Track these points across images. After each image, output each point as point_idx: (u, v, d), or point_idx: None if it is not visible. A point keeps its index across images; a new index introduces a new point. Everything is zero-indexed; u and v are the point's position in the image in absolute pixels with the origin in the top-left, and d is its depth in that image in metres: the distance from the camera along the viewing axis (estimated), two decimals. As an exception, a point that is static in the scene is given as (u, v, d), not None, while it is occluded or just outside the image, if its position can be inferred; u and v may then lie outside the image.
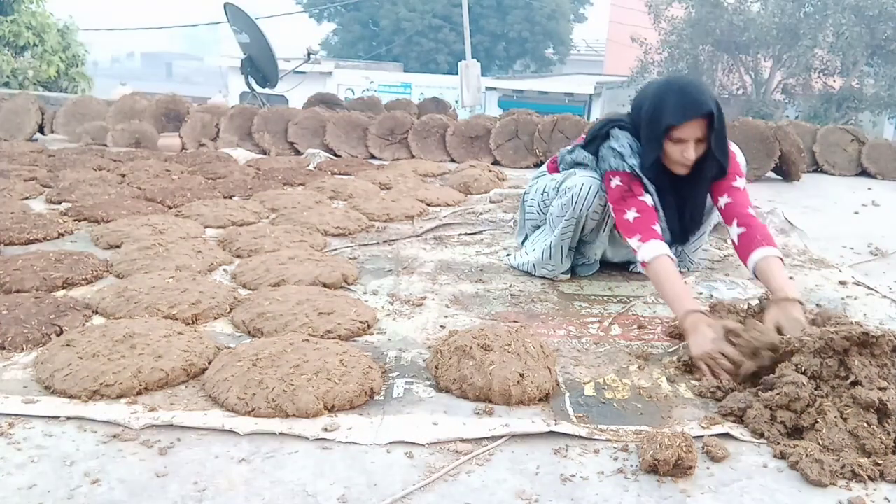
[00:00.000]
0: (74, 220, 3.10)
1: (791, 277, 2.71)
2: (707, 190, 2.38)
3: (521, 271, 2.68)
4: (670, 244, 2.35)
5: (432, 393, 1.68)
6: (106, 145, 5.52)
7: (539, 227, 2.68)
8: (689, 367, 1.87)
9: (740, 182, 2.36)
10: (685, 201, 2.40)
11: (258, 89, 7.79)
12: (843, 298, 2.51)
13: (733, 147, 2.41)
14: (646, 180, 2.30)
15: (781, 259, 2.11)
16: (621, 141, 2.33)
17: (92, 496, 1.27)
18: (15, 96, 6.13)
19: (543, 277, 2.61)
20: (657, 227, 2.20)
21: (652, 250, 2.12)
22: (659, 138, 2.20)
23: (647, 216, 2.22)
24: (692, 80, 2.38)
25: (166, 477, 1.33)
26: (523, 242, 2.78)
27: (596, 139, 2.42)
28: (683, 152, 2.20)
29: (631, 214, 2.23)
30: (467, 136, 5.54)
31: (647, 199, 2.28)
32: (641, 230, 2.18)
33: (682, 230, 2.47)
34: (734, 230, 2.22)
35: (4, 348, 1.81)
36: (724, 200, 2.31)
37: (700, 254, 2.78)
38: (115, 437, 1.45)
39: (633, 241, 2.19)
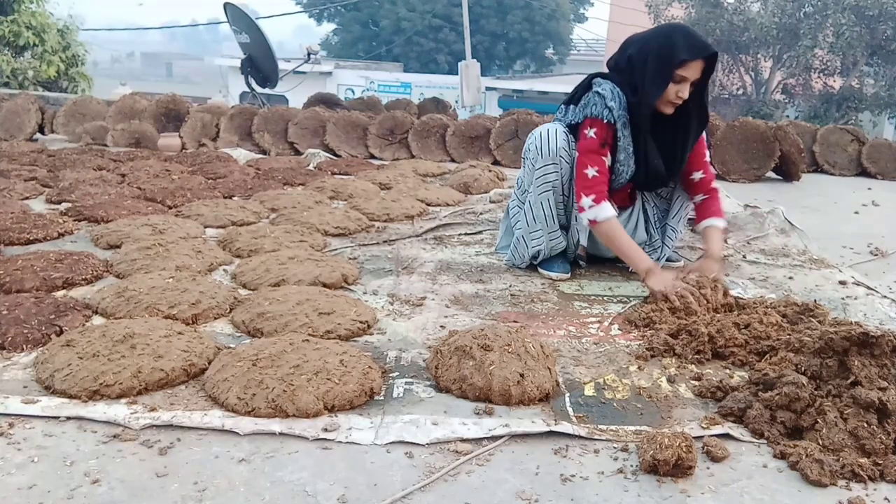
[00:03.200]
0: (74, 220, 3.09)
1: (791, 277, 2.73)
2: (694, 133, 2.50)
3: (517, 265, 2.70)
4: (649, 187, 2.66)
5: (432, 393, 1.68)
6: (106, 145, 5.52)
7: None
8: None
9: (707, 155, 2.64)
10: (674, 142, 2.50)
11: (258, 89, 7.80)
12: (843, 298, 2.51)
13: None
14: (619, 125, 2.43)
15: (724, 229, 2.61)
16: (604, 86, 2.46)
17: (92, 496, 1.27)
18: (15, 96, 6.14)
19: (543, 277, 2.61)
20: (607, 190, 2.45)
21: (604, 212, 2.41)
22: (669, 74, 2.32)
23: (603, 178, 2.44)
24: (687, 26, 2.59)
25: (166, 477, 1.33)
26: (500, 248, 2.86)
27: (577, 92, 2.55)
28: (679, 92, 2.35)
29: (592, 171, 2.43)
30: (467, 136, 5.54)
31: (608, 161, 2.47)
32: (596, 190, 2.42)
33: (668, 169, 2.54)
34: (698, 197, 2.62)
35: (4, 348, 1.81)
36: (698, 175, 2.60)
37: (677, 243, 2.90)
38: (115, 437, 1.45)
39: (586, 200, 2.42)
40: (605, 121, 2.42)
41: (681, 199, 2.69)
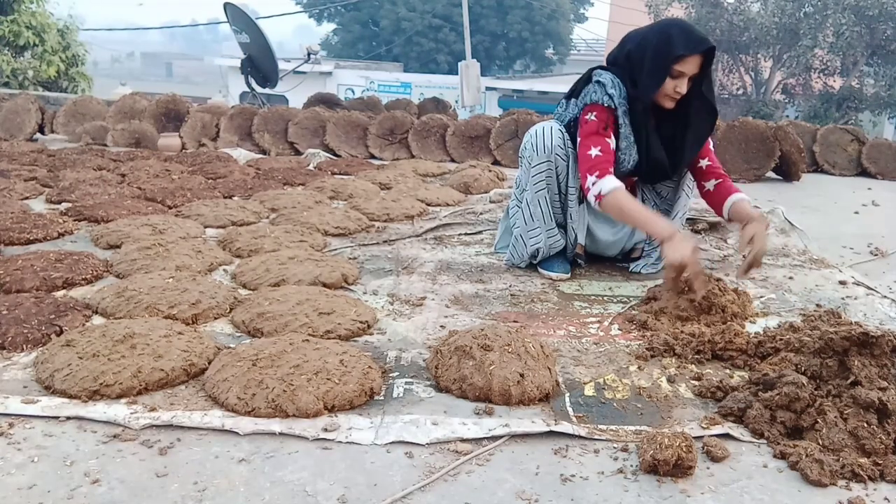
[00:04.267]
0: (74, 220, 3.10)
1: (791, 277, 2.73)
2: (696, 127, 2.51)
3: (517, 264, 2.70)
4: (652, 180, 2.65)
5: (432, 393, 1.68)
6: (106, 145, 5.52)
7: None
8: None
9: (711, 144, 2.65)
10: (676, 136, 2.50)
11: (258, 89, 7.80)
12: (843, 298, 2.51)
13: None
14: (620, 112, 2.43)
15: (748, 200, 2.53)
16: (604, 76, 2.46)
17: (92, 496, 1.27)
18: (15, 96, 6.14)
19: (543, 277, 2.61)
20: (612, 169, 2.39)
21: (609, 184, 2.33)
22: (666, 69, 2.34)
23: (607, 157, 2.40)
24: (685, 21, 2.60)
25: (166, 477, 1.33)
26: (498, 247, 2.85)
27: (578, 86, 2.55)
28: (676, 87, 2.36)
29: (594, 151, 2.39)
30: (467, 136, 5.54)
31: (612, 143, 2.43)
32: (600, 168, 2.37)
33: (671, 162, 2.54)
34: (710, 183, 2.60)
35: (4, 348, 1.81)
36: (705, 163, 2.62)
37: (679, 222, 2.86)
38: (115, 437, 1.45)
39: (590, 178, 2.37)
40: (606, 105, 2.43)
41: (682, 199, 2.69)
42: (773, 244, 3.22)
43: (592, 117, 2.44)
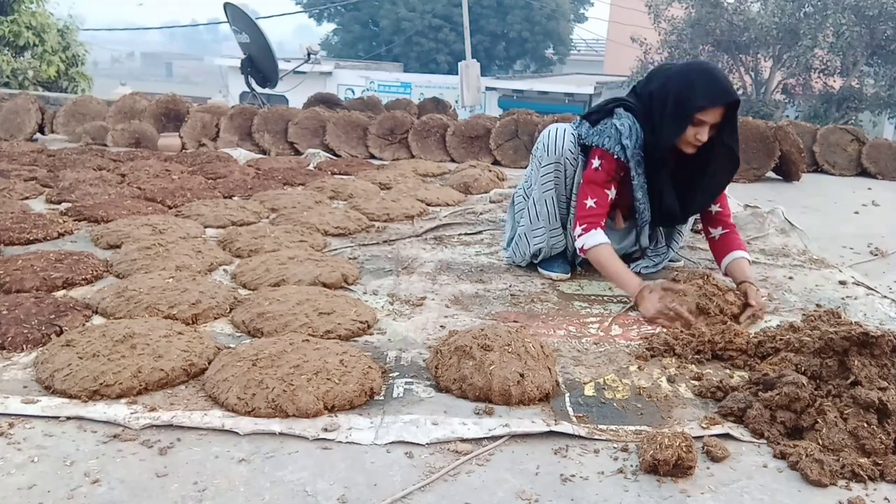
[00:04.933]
0: (74, 220, 3.10)
1: (791, 277, 2.73)
2: (719, 181, 2.49)
3: (518, 262, 2.71)
4: (663, 224, 2.63)
5: (432, 393, 1.68)
6: (106, 145, 5.52)
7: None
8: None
9: (726, 190, 2.58)
10: (692, 181, 2.47)
11: (258, 89, 7.79)
12: (843, 298, 2.51)
13: None
14: (633, 163, 2.41)
15: (749, 261, 2.49)
16: (623, 120, 2.42)
17: (92, 496, 1.27)
18: (15, 96, 6.14)
19: (543, 277, 2.61)
20: (603, 222, 2.44)
21: (594, 238, 2.40)
22: (687, 118, 2.30)
23: (601, 210, 2.44)
24: (716, 66, 2.53)
25: (166, 477, 1.33)
26: (509, 244, 2.83)
27: (600, 113, 2.51)
28: (697, 135, 2.32)
29: (590, 202, 2.43)
30: (467, 136, 5.54)
31: (611, 195, 2.45)
32: (589, 221, 2.42)
33: (683, 210, 2.52)
34: (717, 231, 2.56)
35: (4, 348, 1.81)
36: (716, 209, 2.56)
37: (677, 247, 2.85)
38: (115, 437, 1.45)
39: (578, 229, 2.43)
40: (616, 157, 2.40)
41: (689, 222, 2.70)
42: (773, 244, 3.22)
43: (598, 166, 2.42)
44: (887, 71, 16.15)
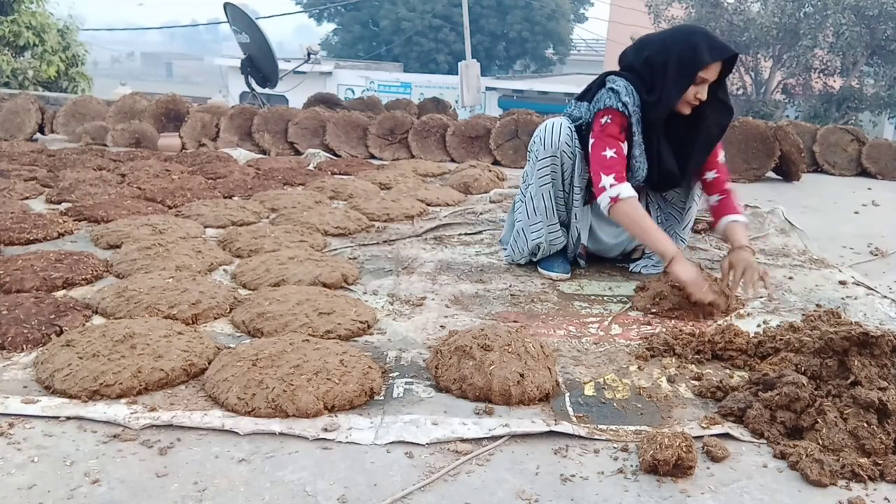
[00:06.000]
0: (74, 220, 3.09)
1: (791, 277, 2.73)
2: (713, 133, 2.50)
3: (517, 260, 2.71)
4: (661, 188, 2.63)
5: (432, 393, 1.68)
6: (106, 145, 5.52)
7: None
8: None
9: (721, 156, 2.61)
10: (686, 141, 2.49)
11: (258, 89, 7.80)
12: (843, 298, 2.51)
13: None
14: (633, 120, 2.42)
15: (746, 225, 2.52)
16: (618, 83, 2.44)
17: (92, 496, 1.27)
18: (15, 96, 6.14)
19: (543, 277, 2.61)
20: (625, 173, 2.41)
21: (627, 190, 2.36)
22: (691, 76, 2.33)
23: (622, 160, 2.41)
24: (706, 28, 2.56)
25: (166, 477, 1.33)
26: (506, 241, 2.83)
27: (591, 89, 2.54)
28: (698, 93, 2.36)
29: (610, 153, 2.40)
30: (467, 136, 5.54)
31: (625, 149, 2.43)
32: (616, 170, 2.38)
33: (681, 169, 2.53)
34: (714, 198, 2.58)
35: (4, 348, 1.81)
36: (711, 175, 2.58)
37: (687, 232, 2.85)
38: (115, 437, 1.45)
39: (606, 178, 2.37)
40: (621, 111, 2.41)
41: (692, 208, 2.69)
42: (773, 244, 3.22)
43: (608, 120, 2.42)
44: (887, 71, 16.16)
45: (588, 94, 2.55)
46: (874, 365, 1.58)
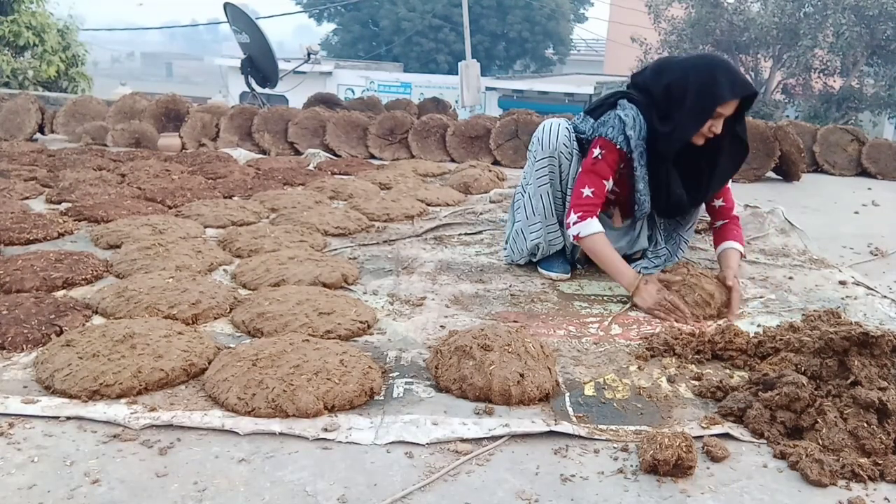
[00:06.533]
0: (74, 220, 3.09)
1: (791, 277, 2.73)
2: (728, 168, 2.51)
3: (516, 260, 2.71)
4: (669, 215, 2.64)
5: (432, 393, 1.68)
6: (106, 145, 5.52)
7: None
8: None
9: (729, 183, 2.61)
10: (697, 170, 2.47)
11: (258, 89, 7.79)
12: (843, 298, 2.51)
13: None
14: (636, 154, 2.41)
15: (742, 254, 2.57)
16: (627, 111, 2.42)
17: (92, 496, 1.27)
18: (15, 96, 6.13)
19: (543, 277, 2.61)
20: (598, 212, 2.45)
21: (590, 227, 2.41)
22: (709, 111, 2.30)
23: (598, 199, 2.44)
24: (728, 60, 2.56)
25: (166, 477, 1.33)
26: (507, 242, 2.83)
27: (603, 106, 2.51)
28: (713, 127, 2.33)
29: (587, 191, 2.43)
30: (467, 136, 5.54)
31: (608, 185, 2.45)
32: (585, 209, 2.42)
33: (690, 198, 2.52)
34: (719, 223, 2.61)
35: (4, 348, 1.81)
36: (719, 203, 2.60)
37: (690, 233, 2.83)
38: (115, 437, 1.45)
39: (573, 216, 2.43)
40: (618, 147, 2.40)
41: (697, 211, 2.69)
42: (773, 244, 3.22)
43: (599, 155, 2.41)
44: (887, 71, 16.16)
45: (597, 111, 2.51)
46: (874, 365, 1.58)
